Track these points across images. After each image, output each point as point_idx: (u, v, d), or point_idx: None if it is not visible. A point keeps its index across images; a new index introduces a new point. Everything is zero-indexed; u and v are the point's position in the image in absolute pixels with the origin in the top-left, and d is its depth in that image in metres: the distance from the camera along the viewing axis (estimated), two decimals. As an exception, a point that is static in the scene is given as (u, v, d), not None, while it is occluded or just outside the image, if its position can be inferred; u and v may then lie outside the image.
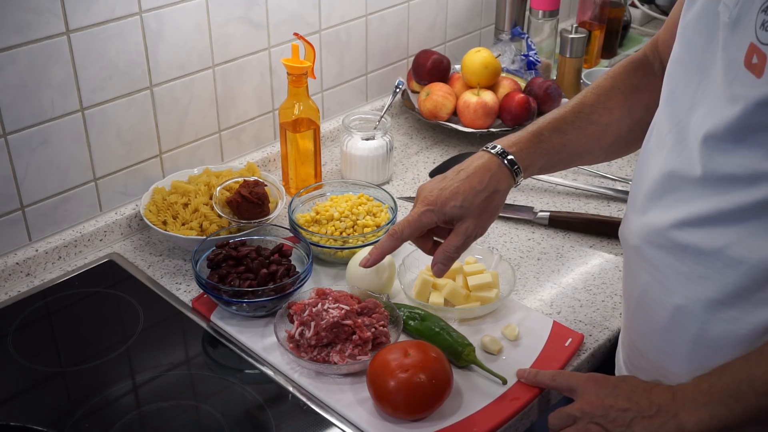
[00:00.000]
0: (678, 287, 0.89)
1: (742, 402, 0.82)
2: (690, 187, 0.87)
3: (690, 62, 0.90)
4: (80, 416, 1.06)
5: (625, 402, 0.91)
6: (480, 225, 1.07)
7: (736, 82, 0.80)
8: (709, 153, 0.84)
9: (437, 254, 1.08)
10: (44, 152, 1.28)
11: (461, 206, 1.05)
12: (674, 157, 0.90)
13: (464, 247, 1.08)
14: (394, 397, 1.02)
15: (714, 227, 0.85)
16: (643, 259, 0.95)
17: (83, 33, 1.26)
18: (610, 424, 0.91)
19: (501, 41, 1.86)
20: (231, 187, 1.37)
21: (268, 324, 1.18)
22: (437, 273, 1.09)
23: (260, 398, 1.09)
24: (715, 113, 0.83)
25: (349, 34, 1.67)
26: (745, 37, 0.79)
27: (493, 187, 1.06)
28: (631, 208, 0.99)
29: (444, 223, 1.08)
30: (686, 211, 0.87)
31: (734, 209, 0.82)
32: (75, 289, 1.29)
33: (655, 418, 0.88)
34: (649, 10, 2.30)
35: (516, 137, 1.10)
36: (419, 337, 1.14)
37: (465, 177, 1.07)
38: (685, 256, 0.88)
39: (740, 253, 0.83)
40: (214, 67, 1.46)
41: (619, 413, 0.90)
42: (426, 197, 1.08)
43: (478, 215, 1.06)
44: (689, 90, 0.89)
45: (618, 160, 1.65)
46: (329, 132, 1.69)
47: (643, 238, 0.94)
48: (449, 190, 1.06)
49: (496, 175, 1.07)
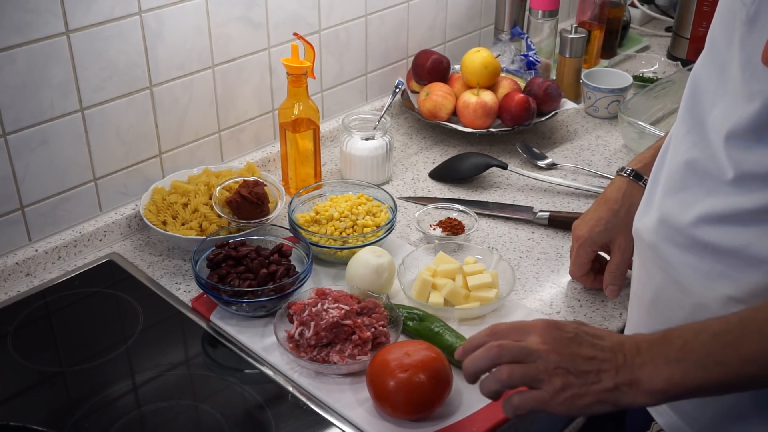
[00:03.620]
0: (696, 286, 0.89)
1: (723, 366, 0.79)
2: (710, 184, 0.87)
3: (711, 61, 0.89)
4: (80, 416, 1.06)
5: (589, 349, 0.84)
6: (630, 239, 1.10)
7: (753, 79, 0.80)
8: (731, 151, 0.83)
9: (606, 277, 1.22)
10: (44, 152, 1.28)
11: (605, 228, 1.19)
12: (695, 154, 0.89)
13: (625, 263, 1.20)
14: (394, 397, 1.02)
15: (734, 225, 0.84)
16: (659, 257, 0.94)
17: (83, 33, 1.26)
18: (578, 373, 0.83)
19: (501, 41, 1.86)
20: (231, 187, 1.37)
21: (268, 324, 1.18)
22: (611, 294, 1.22)
23: (260, 398, 1.09)
24: (734, 111, 0.83)
25: (348, 34, 1.67)
26: (762, 33, 0.79)
27: (629, 202, 1.17)
28: (647, 205, 0.99)
29: (600, 248, 1.22)
30: (706, 208, 0.87)
31: (754, 208, 0.82)
32: (75, 289, 1.29)
33: (621, 369, 0.82)
34: (649, 10, 2.31)
35: (641, 154, 1.23)
36: (418, 337, 1.14)
37: (603, 203, 1.21)
38: (705, 254, 0.87)
39: (760, 252, 0.82)
40: (213, 67, 1.46)
41: (585, 361, 0.83)
42: (577, 235, 1.23)
43: (626, 230, 1.15)
44: (710, 88, 0.89)
45: (619, 161, 1.65)
46: (329, 132, 1.69)
47: (661, 235, 0.93)
48: (593, 220, 1.21)
49: (628, 192, 1.18)
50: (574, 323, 0.87)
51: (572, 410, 0.83)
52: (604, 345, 0.84)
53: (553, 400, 0.83)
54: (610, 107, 1.80)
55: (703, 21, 1.98)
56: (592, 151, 1.71)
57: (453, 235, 1.38)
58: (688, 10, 2.01)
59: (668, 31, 2.21)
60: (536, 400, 0.83)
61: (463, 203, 1.48)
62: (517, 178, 1.60)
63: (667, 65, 2.03)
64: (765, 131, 0.80)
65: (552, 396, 0.83)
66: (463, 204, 1.46)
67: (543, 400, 0.83)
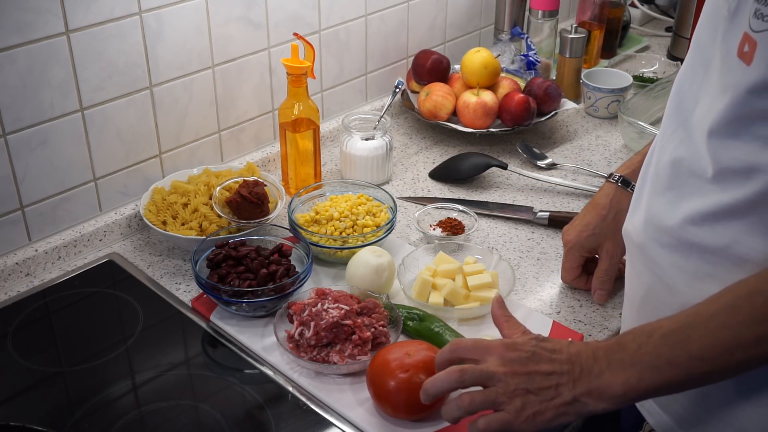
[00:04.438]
0: (683, 286, 0.89)
1: (675, 366, 0.81)
2: (694, 183, 0.87)
3: (696, 60, 0.90)
4: (80, 416, 1.06)
5: (547, 365, 0.86)
6: (618, 244, 1.18)
7: (729, 73, 0.80)
8: (713, 147, 0.83)
9: (594, 282, 1.24)
10: (44, 152, 1.28)
11: (593, 234, 1.21)
12: (680, 153, 0.89)
13: (612, 268, 1.22)
14: (394, 397, 1.02)
15: (718, 224, 0.84)
16: (647, 257, 0.94)
17: (83, 33, 1.26)
18: (536, 389, 0.86)
19: (501, 41, 1.86)
20: (231, 187, 1.37)
21: (268, 324, 1.18)
22: (599, 299, 1.24)
23: (260, 398, 1.09)
24: (712, 106, 0.83)
25: (348, 34, 1.67)
26: (740, 27, 0.79)
27: (616, 208, 1.19)
28: (636, 206, 0.99)
29: (589, 253, 1.24)
30: (691, 208, 0.87)
31: (734, 204, 0.82)
32: (75, 289, 1.29)
33: (578, 381, 0.85)
34: (649, 10, 2.31)
35: (629, 161, 1.24)
36: (418, 337, 1.14)
37: (591, 208, 1.23)
38: (691, 254, 0.87)
39: (744, 251, 0.82)
40: (213, 67, 1.46)
41: (543, 377, 0.86)
42: (565, 240, 1.25)
43: (614, 236, 1.19)
44: (694, 86, 0.89)
45: (619, 161, 1.65)
46: (329, 132, 1.69)
47: (648, 236, 0.94)
48: (581, 225, 1.23)
49: (616, 197, 1.20)
50: (532, 340, 0.90)
51: (537, 426, 0.86)
52: (561, 358, 0.87)
53: (516, 419, 0.86)
54: (610, 107, 1.80)
55: (703, 21, 1.98)
56: (592, 151, 1.71)
57: (453, 235, 1.38)
58: (688, 10, 2.01)
59: (668, 31, 2.21)
60: (500, 422, 0.87)
61: (463, 203, 1.48)
62: (517, 178, 1.60)
63: (667, 65, 2.03)
64: (739, 125, 0.80)
65: (514, 416, 0.86)
66: (463, 204, 1.46)
67: (506, 421, 0.86)
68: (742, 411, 0.87)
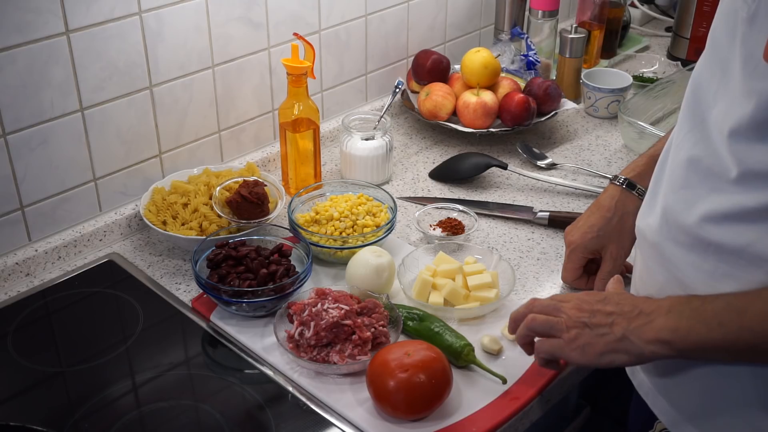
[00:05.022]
0: (700, 285, 0.89)
1: (724, 327, 0.83)
2: (713, 182, 0.86)
3: (713, 60, 0.89)
4: (80, 416, 1.06)
5: (612, 306, 0.94)
6: (622, 246, 1.21)
7: (753, 77, 0.80)
8: (735, 149, 0.83)
9: (596, 284, 1.24)
10: (44, 152, 1.28)
11: (598, 236, 1.21)
12: (697, 152, 0.89)
13: (615, 270, 1.21)
14: (394, 397, 1.02)
15: (737, 224, 0.84)
16: (662, 256, 0.94)
17: (83, 33, 1.26)
18: (593, 324, 0.94)
19: (500, 41, 1.86)
20: (231, 187, 1.37)
21: (268, 324, 1.18)
22: None
23: (260, 398, 1.09)
24: (735, 109, 0.83)
25: (348, 34, 1.67)
26: (763, 30, 0.78)
27: (621, 211, 1.20)
28: (650, 205, 0.98)
29: (592, 255, 1.24)
30: (709, 207, 0.87)
31: (758, 206, 0.82)
32: (75, 289, 1.29)
33: (633, 320, 0.90)
34: (649, 10, 2.31)
35: (634, 163, 1.24)
36: (418, 337, 1.14)
37: (596, 209, 1.23)
38: (708, 253, 0.87)
39: (763, 251, 0.82)
40: (213, 67, 1.46)
41: (604, 316, 0.93)
42: (569, 240, 1.25)
43: (618, 239, 1.21)
44: (711, 87, 0.89)
45: (619, 161, 1.65)
46: (329, 132, 1.69)
47: (664, 234, 0.93)
48: (585, 226, 1.23)
49: (621, 200, 1.20)
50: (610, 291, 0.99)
51: (585, 357, 0.94)
52: (626, 301, 0.93)
53: (567, 346, 0.95)
54: (610, 107, 1.80)
55: (703, 21, 1.98)
56: (592, 151, 1.71)
57: (453, 235, 1.38)
58: (688, 10, 2.01)
59: (668, 31, 2.21)
60: (552, 345, 0.98)
61: (463, 203, 1.48)
62: (517, 178, 1.60)
63: (667, 65, 2.03)
64: (765, 129, 0.80)
65: (567, 343, 0.95)
66: (463, 204, 1.46)
67: (559, 346, 0.96)
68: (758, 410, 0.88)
